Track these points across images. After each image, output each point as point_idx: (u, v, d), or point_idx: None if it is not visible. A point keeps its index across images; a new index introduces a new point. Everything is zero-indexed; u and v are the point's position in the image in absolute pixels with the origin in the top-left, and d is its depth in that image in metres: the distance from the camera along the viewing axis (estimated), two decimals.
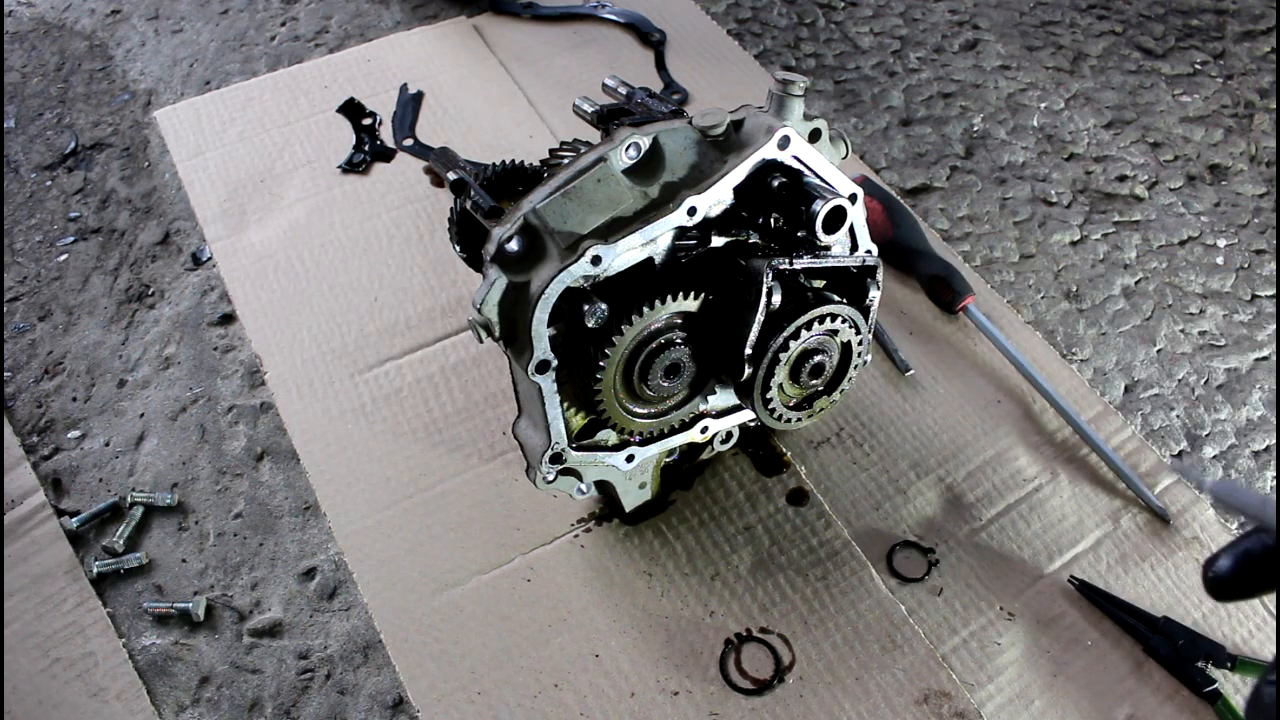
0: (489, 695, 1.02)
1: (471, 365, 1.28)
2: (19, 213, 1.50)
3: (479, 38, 1.72)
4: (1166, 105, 1.68)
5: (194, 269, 1.42)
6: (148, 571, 1.13)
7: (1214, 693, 1.01)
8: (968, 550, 1.12)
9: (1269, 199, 1.54)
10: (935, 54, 1.76)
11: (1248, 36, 1.80)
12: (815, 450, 1.21)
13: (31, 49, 1.76)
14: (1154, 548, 1.13)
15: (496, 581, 1.10)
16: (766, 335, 0.91)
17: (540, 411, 0.92)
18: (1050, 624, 1.07)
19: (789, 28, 1.80)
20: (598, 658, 1.05)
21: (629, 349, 0.90)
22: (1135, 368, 1.33)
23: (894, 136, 1.61)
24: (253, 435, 1.25)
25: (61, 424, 1.26)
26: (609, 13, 1.75)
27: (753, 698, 1.02)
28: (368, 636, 1.08)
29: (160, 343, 1.35)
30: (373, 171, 1.52)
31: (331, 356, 1.29)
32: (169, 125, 1.59)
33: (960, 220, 1.49)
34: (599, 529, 1.14)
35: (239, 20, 1.80)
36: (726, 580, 1.10)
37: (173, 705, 1.04)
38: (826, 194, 0.90)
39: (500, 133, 1.57)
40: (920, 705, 1.01)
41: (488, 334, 0.87)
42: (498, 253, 0.86)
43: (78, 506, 1.18)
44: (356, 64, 1.68)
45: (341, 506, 1.16)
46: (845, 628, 1.07)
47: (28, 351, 1.34)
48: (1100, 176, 1.56)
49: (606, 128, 1.01)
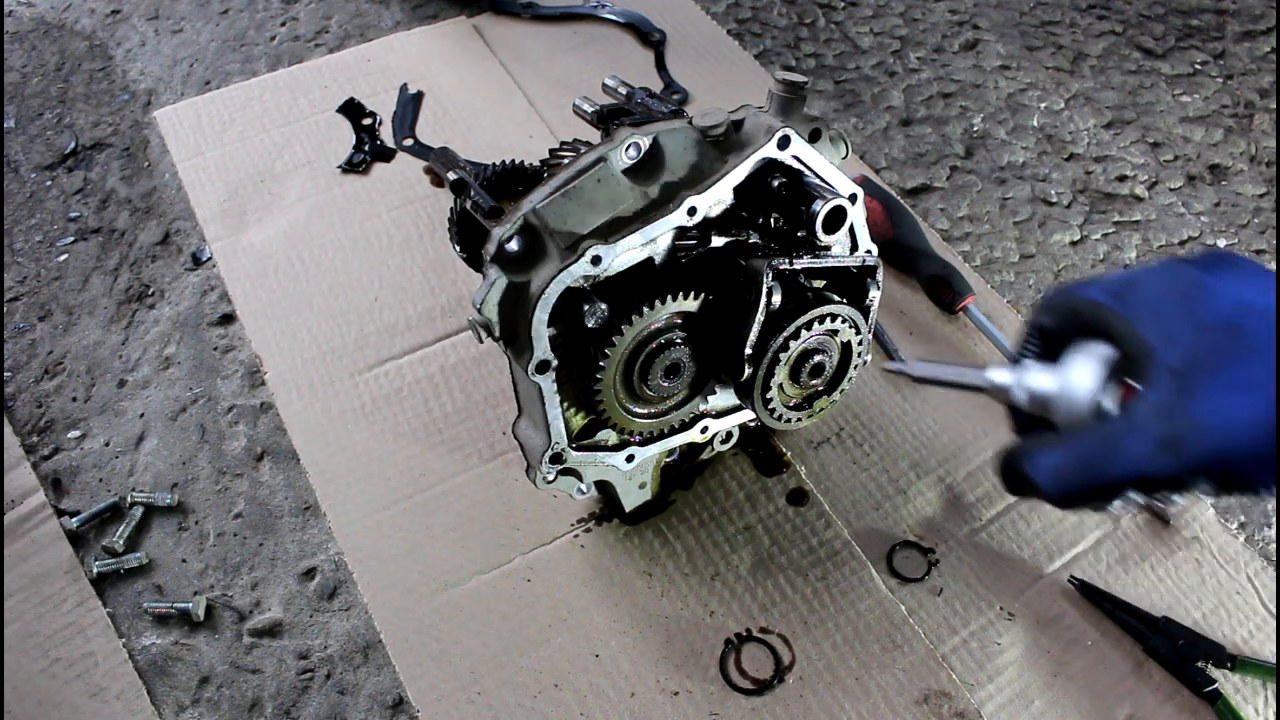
0: (489, 695, 1.02)
1: (471, 365, 1.28)
2: (19, 213, 1.51)
3: (479, 38, 1.72)
4: (1166, 105, 1.68)
5: (194, 269, 1.42)
6: (148, 571, 1.13)
7: (1214, 693, 1.01)
8: (968, 550, 1.12)
9: (1269, 199, 1.54)
10: (935, 54, 1.76)
11: (1248, 36, 1.80)
12: (815, 450, 1.21)
13: (31, 49, 1.76)
14: (1154, 548, 1.13)
15: (496, 581, 1.10)
16: (766, 335, 0.91)
17: (540, 411, 0.92)
18: (1050, 624, 1.07)
19: (789, 28, 1.80)
20: (598, 658, 1.05)
21: (629, 349, 0.90)
22: None
23: (894, 136, 1.61)
24: (253, 435, 1.25)
25: (61, 424, 1.26)
26: (609, 13, 1.75)
27: (753, 698, 1.02)
28: (368, 636, 1.08)
29: (160, 343, 1.35)
30: (373, 171, 1.52)
31: (331, 356, 1.29)
32: (169, 125, 1.59)
33: (960, 220, 1.49)
34: (599, 529, 1.14)
35: (239, 20, 1.80)
36: (726, 580, 1.10)
37: (173, 705, 1.04)
38: (826, 194, 0.90)
39: (500, 133, 1.57)
40: (920, 705, 1.01)
41: (488, 334, 0.87)
42: (498, 253, 0.86)
43: (78, 506, 1.18)
44: (356, 64, 1.68)
45: (341, 506, 1.16)
46: (845, 628, 1.07)
47: (28, 351, 1.34)
48: (1100, 176, 1.56)
49: (606, 128, 1.01)
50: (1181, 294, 0.58)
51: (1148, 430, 0.57)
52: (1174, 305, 0.58)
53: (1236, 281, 0.57)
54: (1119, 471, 0.59)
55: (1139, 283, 0.61)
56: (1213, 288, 0.57)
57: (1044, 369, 0.66)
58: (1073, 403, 0.63)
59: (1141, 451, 0.57)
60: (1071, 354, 0.64)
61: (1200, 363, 0.55)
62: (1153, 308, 0.59)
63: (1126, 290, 0.61)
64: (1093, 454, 0.60)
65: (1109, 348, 0.62)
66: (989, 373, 0.69)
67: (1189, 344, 0.56)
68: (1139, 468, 0.58)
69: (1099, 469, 0.59)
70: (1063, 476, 0.61)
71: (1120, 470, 0.59)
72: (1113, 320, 0.61)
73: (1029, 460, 0.63)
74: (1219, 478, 0.56)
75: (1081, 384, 0.62)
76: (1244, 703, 1.01)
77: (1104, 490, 0.61)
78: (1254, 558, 1.12)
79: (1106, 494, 0.61)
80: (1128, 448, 0.58)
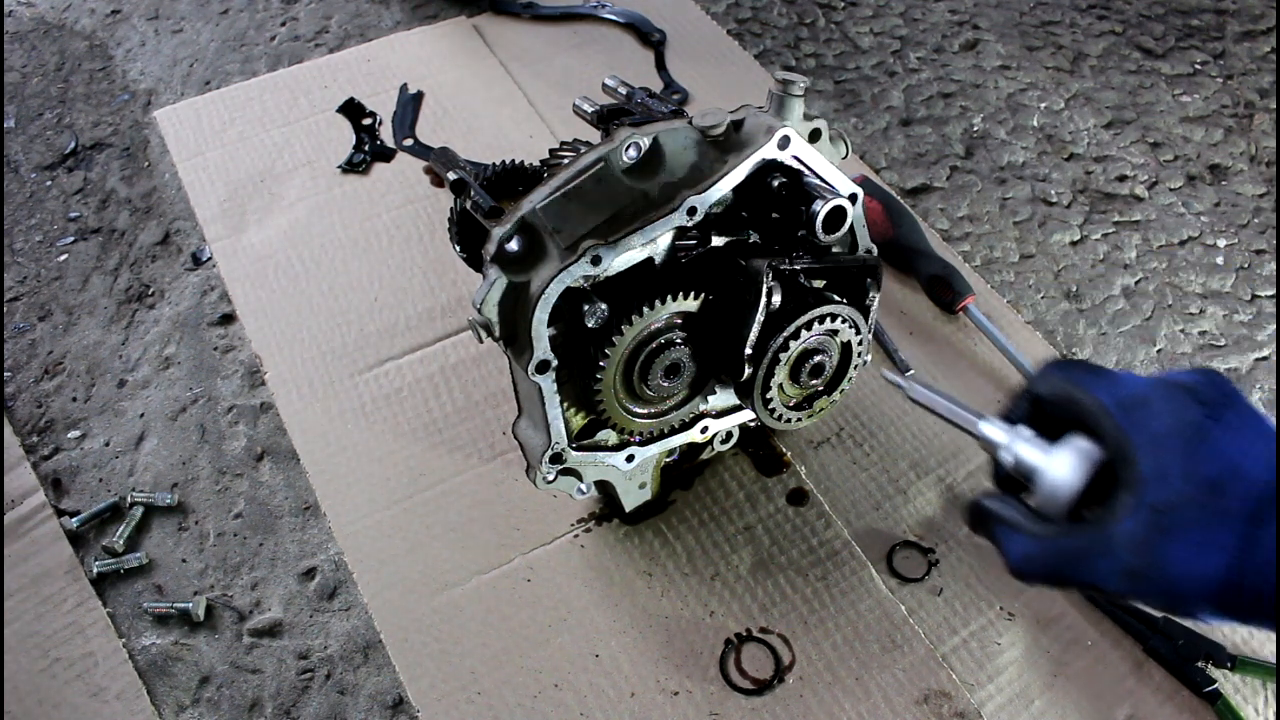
0: (489, 695, 1.02)
1: (471, 365, 1.28)
2: (19, 213, 1.51)
3: (479, 38, 1.72)
4: (1166, 105, 1.68)
5: (194, 269, 1.42)
6: (148, 571, 1.13)
7: (1214, 693, 1.01)
8: (968, 550, 1.12)
9: (1269, 199, 1.54)
10: (935, 54, 1.76)
11: (1248, 36, 1.80)
12: (815, 450, 1.21)
13: (31, 49, 1.76)
14: None
15: (496, 581, 1.10)
16: (766, 335, 0.91)
17: (540, 411, 0.92)
18: (1050, 624, 1.07)
19: (789, 28, 1.80)
20: (598, 658, 1.05)
21: (629, 349, 0.90)
22: (1135, 368, 1.33)
23: (894, 136, 1.61)
24: (253, 435, 1.25)
25: (61, 424, 1.26)
26: (609, 13, 1.75)
27: (753, 698, 1.02)
28: (368, 636, 1.08)
29: (160, 343, 1.35)
30: (373, 171, 1.52)
31: (331, 356, 1.29)
32: (169, 125, 1.59)
33: (960, 220, 1.49)
34: (599, 529, 1.14)
35: (239, 20, 1.80)
36: (726, 580, 1.10)
37: (173, 705, 1.04)
38: (826, 194, 0.90)
39: (500, 133, 1.57)
40: (920, 705, 1.01)
41: (488, 334, 0.87)
42: (498, 253, 0.86)
43: (78, 506, 1.18)
44: (356, 64, 1.68)
45: (341, 506, 1.16)
46: (845, 628, 1.07)
47: (28, 351, 1.34)
48: (1100, 176, 1.56)
49: (606, 128, 1.01)
50: (1184, 436, 0.61)
51: (1118, 557, 0.62)
52: (1174, 444, 0.61)
53: (1236, 439, 0.61)
54: (1082, 579, 0.65)
55: (1148, 404, 0.64)
56: (1214, 439, 0.61)
57: (1035, 444, 0.69)
58: (1055, 489, 0.67)
59: (1108, 571, 0.63)
60: (1064, 443, 0.68)
61: (1180, 512, 0.60)
62: (1154, 439, 0.62)
63: (1134, 408, 0.64)
64: (1064, 557, 0.65)
65: (1099, 451, 0.66)
66: (983, 425, 0.73)
67: (1177, 490, 0.60)
68: (1100, 583, 0.64)
69: (1066, 571, 0.65)
70: (1032, 564, 0.67)
71: (1084, 579, 0.64)
72: (1113, 433, 0.64)
73: (1005, 536, 0.69)
74: (1166, 607, 0.63)
75: (1067, 478, 0.66)
76: (1244, 703, 1.01)
77: (1062, 584, 0.67)
78: None
79: (1062, 586, 0.68)
80: (1096, 564, 0.63)
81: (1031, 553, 0.67)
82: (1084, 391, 0.67)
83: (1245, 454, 0.60)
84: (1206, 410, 0.62)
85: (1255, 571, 0.57)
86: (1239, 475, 0.59)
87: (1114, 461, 0.65)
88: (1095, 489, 0.66)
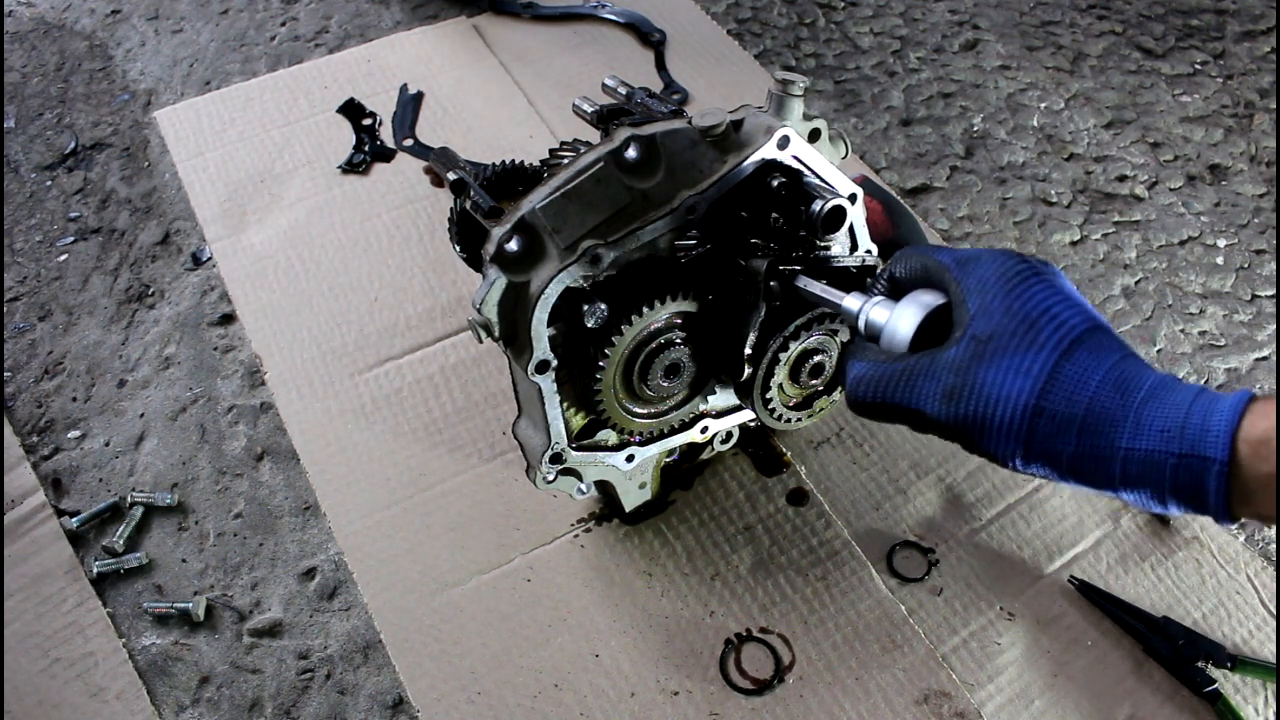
0: (489, 695, 1.02)
1: (471, 365, 1.28)
2: (19, 213, 1.51)
3: (479, 38, 1.72)
4: (1166, 105, 1.68)
5: (194, 269, 1.42)
6: (148, 571, 1.13)
7: (1214, 693, 1.01)
8: (968, 550, 1.12)
9: (1269, 199, 1.54)
10: (935, 54, 1.76)
11: (1248, 36, 1.80)
12: (815, 450, 1.21)
13: (31, 49, 1.76)
14: (1154, 548, 1.13)
15: (496, 581, 1.10)
16: (766, 335, 0.91)
17: (540, 411, 0.92)
18: (1050, 624, 1.07)
19: (789, 28, 1.80)
20: (598, 658, 1.05)
21: (629, 349, 0.90)
22: None
23: (894, 136, 1.61)
24: (253, 435, 1.25)
25: (61, 424, 1.26)
26: (609, 13, 1.75)
27: (753, 698, 1.02)
28: (368, 636, 1.08)
29: (160, 343, 1.35)
30: (373, 171, 1.52)
31: (331, 356, 1.29)
32: (169, 125, 1.59)
33: (960, 220, 1.49)
34: (599, 529, 1.14)
35: (239, 20, 1.80)
36: (726, 580, 1.10)
37: (173, 705, 1.04)
38: (826, 194, 0.90)
39: (500, 133, 1.57)
40: (920, 705, 1.01)
41: (488, 334, 0.87)
42: (497, 253, 0.86)
43: (78, 506, 1.18)
44: (356, 64, 1.68)
45: (341, 506, 1.16)
46: (845, 628, 1.07)
47: (28, 351, 1.34)
48: (1100, 176, 1.56)
49: (606, 128, 1.01)
50: (1007, 280, 0.69)
51: (940, 379, 0.69)
52: (998, 286, 0.69)
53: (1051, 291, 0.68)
54: (906, 400, 0.70)
55: (980, 260, 0.72)
56: (1033, 287, 0.69)
57: (884, 305, 0.77)
58: (894, 332, 0.75)
59: (930, 392, 0.69)
60: (907, 298, 0.76)
61: (997, 340, 0.67)
62: (981, 283, 0.70)
63: (969, 262, 0.73)
64: (893, 377, 0.71)
65: (936, 298, 0.74)
66: (845, 300, 0.81)
67: (997, 323, 0.68)
68: (921, 404, 0.70)
69: (892, 391, 0.71)
70: (863, 384, 0.73)
71: (907, 399, 0.70)
72: (949, 282, 0.73)
73: (850, 365, 0.76)
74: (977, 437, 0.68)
75: (905, 324, 0.74)
76: (1244, 703, 1.01)
77: (890, 411, 0.72)
78: (1254, 558, 1.12)
79: (891, 415, 0.73)
80: (920, 384, 0.70)
81: (865, 374, 0.73)
82: (930, 258, 0.76)
83: (1059, 303, 0.68)
84: (1029, 267, 0.70)
85: (1057, 396, 0.65)
86: (1052, 317, 0.67)
87: (951, 306, 0.72)
88: (935, 334, 0.73)
